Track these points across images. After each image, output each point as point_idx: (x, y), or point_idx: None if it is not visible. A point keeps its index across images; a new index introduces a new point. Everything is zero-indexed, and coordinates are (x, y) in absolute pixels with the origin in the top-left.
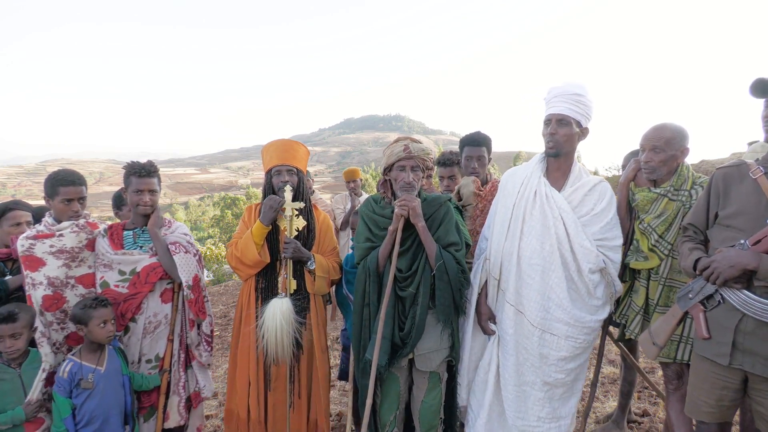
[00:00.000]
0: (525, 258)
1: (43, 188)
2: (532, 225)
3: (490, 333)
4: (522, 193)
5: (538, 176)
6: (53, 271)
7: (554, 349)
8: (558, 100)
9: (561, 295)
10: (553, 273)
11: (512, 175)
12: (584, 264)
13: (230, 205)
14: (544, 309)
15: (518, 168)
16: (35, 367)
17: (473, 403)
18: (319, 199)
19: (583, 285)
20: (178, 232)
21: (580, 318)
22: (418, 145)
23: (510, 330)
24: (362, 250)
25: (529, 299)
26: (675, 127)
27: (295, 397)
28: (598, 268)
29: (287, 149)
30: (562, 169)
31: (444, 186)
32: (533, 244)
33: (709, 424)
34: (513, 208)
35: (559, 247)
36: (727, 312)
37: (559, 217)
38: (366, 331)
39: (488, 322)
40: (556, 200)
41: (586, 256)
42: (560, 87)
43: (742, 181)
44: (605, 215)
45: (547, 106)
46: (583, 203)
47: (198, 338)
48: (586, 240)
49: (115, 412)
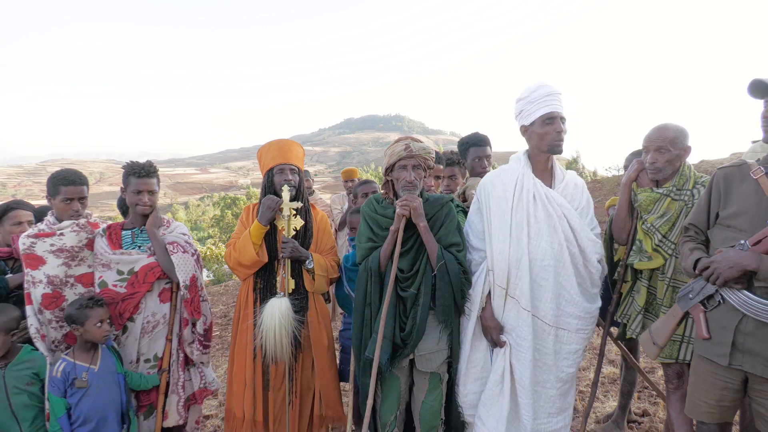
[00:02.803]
0: (537, 261)
1: (46, 187)
2: (539, 227)
3: (501, 345)
4: (520, 197)
5: (531, 177)
6: (53, 269)
7: (566, 343)
8: (553, 99)
9: (572, 291)
10: (563, 270)
11: (498, 178)
12: (592, 255)
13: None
14: (556, 307)
15: (500, 171)
16: (22, 368)
17: (484, 417)
18: (318, 199)
19: (588, 276)
20: (176, 232)
21: (588, 309)
22: (419, 144)
23: (528, 336)
24: (364, 249)
25: (543, 300)
26: (677, 127)
27: (293, 395)
28: (601, 256)
29: (289, 148)
30: (548, 167)
31: (444, 186)
32: (543, 246)
33: (709, 425)
34: (512, 212)
35: (568, 244)
36: (727, 312)
37: (562, 215)
38: (367, 330)
39: (499, 336)
40: (556, 199)
41: (593, 247)
42: (548, 86)
43: (743, 182)
44: (590, 206)
45: (539, 105)
46: (574, 198)
47: (192, 336)
48: (590, 233)
49: (111, 411)
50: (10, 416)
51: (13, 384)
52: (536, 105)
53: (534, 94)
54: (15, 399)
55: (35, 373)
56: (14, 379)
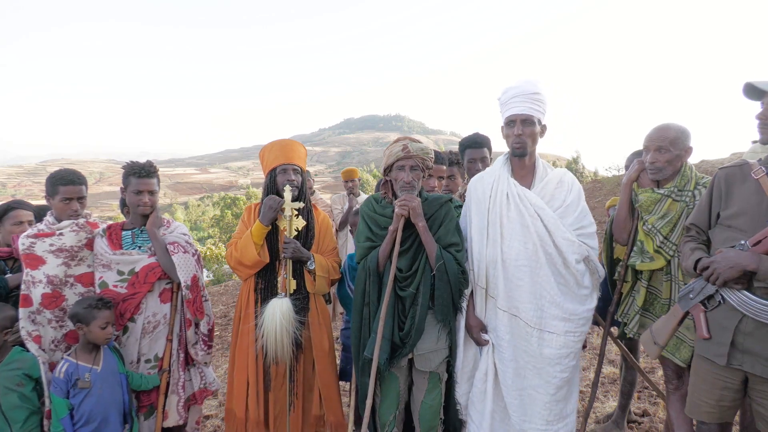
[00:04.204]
0: (510, 261)
1: (45, 187)
2: (511, 227)
3: (483, 344)
4: (494, 198)
5: (506, 178)
6: (53, 269)
7: (555, 347)
8: (519, 101)
9: (552, 292)
10: (540, 271)
11: (480, 181)
12: (570, 256)
13: (230, 205)
14: (538, 308)
15: (484, 173)
16: (12, 368)
17: (473, 414)
18: (319, 199)
19: (571, 277)
20: (177, 232)
21: (574, 311)
22: (417, 145)
23: (506, 336)
24: (363, 249)
25: (522, 301)
26: (678, 127)
27: (294, 396)
28: (583, 257)
29: (292, 148)
30: (527, 168)
31: (444, 186)
32: (516, 246)
33: (709, 425)
34: (488, 213)
35: (542, 244)
36: (727, 312)
37: (535, 214)
38: (366, 330)
39: (480, 333)
40: (530, 198)
41: (570, 247)
42: (518, 86)
43: (744, 182)
44: (576, 205)
45: (506, 107)
46: (554, 197)
47: (195, 337)
48: (566, 232)
49: (113, 411)
50: (0, 417)
51: (2, 384)
52: (503, 107)
53: (504, 96)
54: (5, 399)
55: (26, 374)
56: (4, 380)
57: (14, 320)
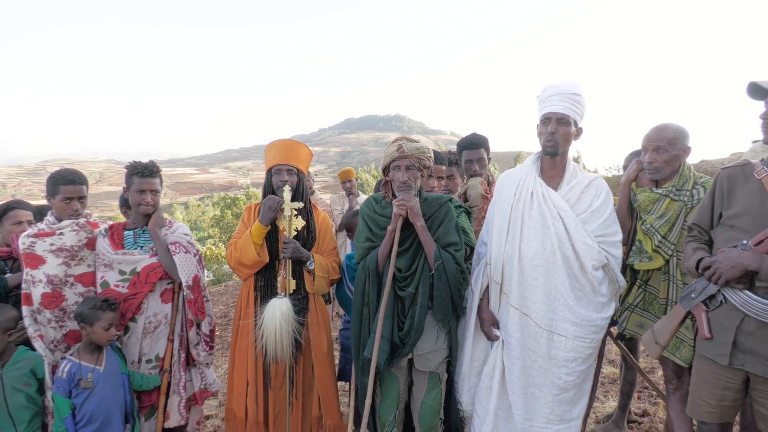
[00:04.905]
0: (527, 260)
1: (45, 187)
2: (532, 226)
3: (494, 338)
4: (519, 195)
5: (533, 177)
6: (53, 269)
7: (563, 350)
8: (557, 99)
9: (566, 295)
10: (556, 272)
11: (507, 178)
12: (587, 261)
13: (230, 205)
14: (550, 310)
15: (513, 170)
16: (18, 367)
17: (478, 409)
18: (319, 200)
19: (588, 282)
20: (178, 232)
21: (587, 317)
22: (412, 144)
23: (516, 334)
24: (362, 249)
25: (534, 301)
26: (677, 127)
27: (294, 396)
28: (601, 264)
29: (289, 149)
30: (558, 168)
31: (443, 186)
32: (534, 246)
33: (710, 425)
34: (511, 210)
35: (560, 246)
36: (728, 312)
37: (557, 216)
38: (365, 330)
39: (491, 328)
40: (554, 199)
41: (588, 253)
42: (558, 86)
43: (747, 182)
44: (603, 211)
45: (543, 105)
46: (580, 200)
47: (197, 338)
48: (587, 237)
49: (115, 411)
50: (6, 417)
51: (10, 384)
52: (541, 105)
53: (543, 93)
54: (12, 399)
55: (32, 372)
56: (11, 380)
57: (17, 321)
